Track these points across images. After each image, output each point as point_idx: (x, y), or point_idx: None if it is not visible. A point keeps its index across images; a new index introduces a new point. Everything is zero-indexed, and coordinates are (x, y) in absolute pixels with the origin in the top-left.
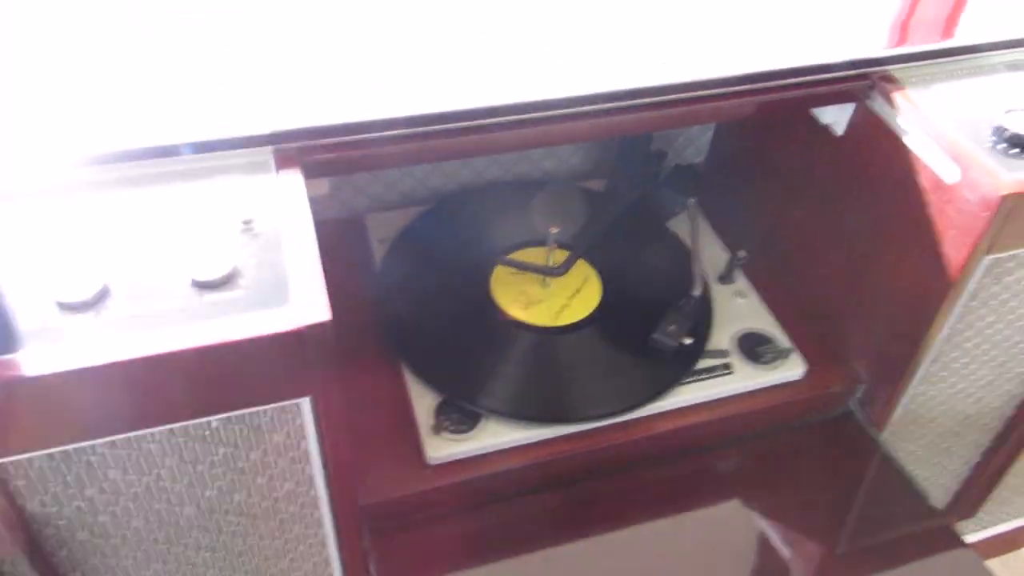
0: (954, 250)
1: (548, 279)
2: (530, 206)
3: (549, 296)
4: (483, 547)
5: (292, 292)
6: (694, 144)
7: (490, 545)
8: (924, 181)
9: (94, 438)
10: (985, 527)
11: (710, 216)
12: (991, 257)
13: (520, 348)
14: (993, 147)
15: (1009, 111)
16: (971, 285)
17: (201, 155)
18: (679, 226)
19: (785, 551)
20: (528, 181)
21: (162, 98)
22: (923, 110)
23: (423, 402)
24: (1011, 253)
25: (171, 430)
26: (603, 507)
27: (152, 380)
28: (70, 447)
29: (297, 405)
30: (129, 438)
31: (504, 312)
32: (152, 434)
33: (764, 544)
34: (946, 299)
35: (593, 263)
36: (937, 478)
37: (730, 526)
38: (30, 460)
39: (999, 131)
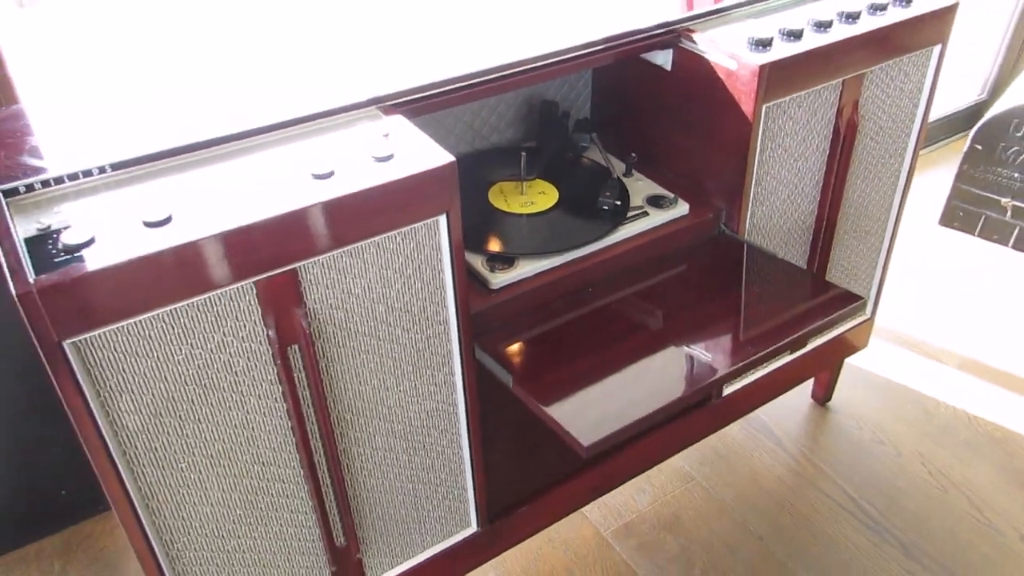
0: (746, 106)
1: (524, 188)
2: (503, 157)
3: (528, 200)
4: (535, 334)
5: (429, 156)
6: (583, 109)
7: (538, 333)
8: (721, 75)
9: (343, 247)
10: (816, 338)
11: (605, 145)
12: (766, 106)
13: (524, 222)
14: (750, 48)
15: (752, 32)
16: (761, 127)
17: (339, 115)
18: (591, 155)
19: (721, 329)
20: (490, 149)
21: (304, 84)
22: (713, 40)
23: (476, 260)
24: (775, 102)
25: (377, 242)
26: (602, 307)
27: (370, 202)
28: (332, 253)
29: (437, 222)
30: (358, 247)
31: (505, 211)
32: (367, 245)
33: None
34: (751, 138)
35: (549, 181)
36: None
37: (669, 326)
38: (312, 264)
39: (751, 40)
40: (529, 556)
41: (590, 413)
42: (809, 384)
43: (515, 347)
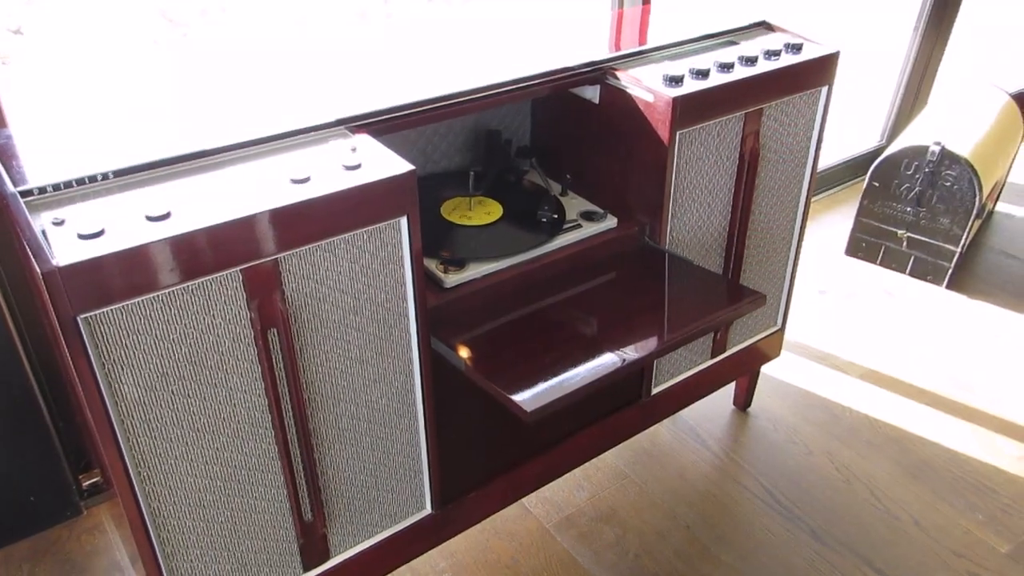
0: (663, 133)
1: (472, 204)
2: (453, 179)
3: (475, 214)
4: (484, 327)
5: (391, 165)
6: (524, 138)
7: (487, 326)
8: (641, 107)
9: (317, 241)
10: (733, 346)
11: (543, 168)
12: (679, 133)
13: (473, 232)
14: (665, 84)
15: (667, 71)
16: (676, 151)
17: (313, 133)
18: (531, 178)
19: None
20: (441, 172)
21: (284, 106)
22: (634, 77)
23: (431, 264)
24: (687, 130)
25: (346, 239)
26: (543, 305)
27: (341, 203)
28: (308, 247)
29: (399, 222)
30: (330, 242)
31: (455, 223)
32: (338, 241)
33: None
34: (667, 160)
35: (494, 199)
36: None
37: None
38: (291, 256)
39: (666, 77)
40: (478, 548)
41: (533, 386)
42: (731, 393)
43: (466, 337)
